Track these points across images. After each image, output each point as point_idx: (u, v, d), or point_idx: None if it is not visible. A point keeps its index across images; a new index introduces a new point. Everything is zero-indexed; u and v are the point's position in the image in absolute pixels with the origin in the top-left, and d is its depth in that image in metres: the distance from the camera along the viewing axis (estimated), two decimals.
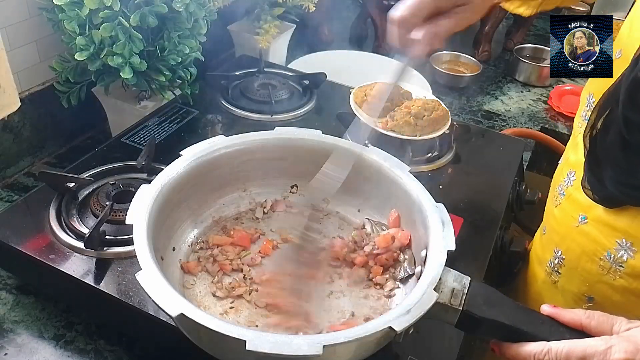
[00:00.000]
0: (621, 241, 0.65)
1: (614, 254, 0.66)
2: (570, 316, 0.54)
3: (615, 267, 0.66)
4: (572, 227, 0.71)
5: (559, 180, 0.76)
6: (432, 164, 0.92)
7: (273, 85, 1.06)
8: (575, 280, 0.72)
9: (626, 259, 0.65)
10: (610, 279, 0.67)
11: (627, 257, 0.65)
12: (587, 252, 0.69)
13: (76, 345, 0.67)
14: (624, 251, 0.65)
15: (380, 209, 0.72)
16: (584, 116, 0.71)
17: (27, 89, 0.94)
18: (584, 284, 0.71)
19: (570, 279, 0.73)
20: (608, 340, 0.50)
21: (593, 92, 0.69)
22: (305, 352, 0.47)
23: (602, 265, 0.68)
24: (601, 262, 0.68)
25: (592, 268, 0.69)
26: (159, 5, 0.84)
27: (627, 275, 0.66)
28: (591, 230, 0.68)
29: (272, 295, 0.63)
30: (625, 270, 0.66)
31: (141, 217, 0.59)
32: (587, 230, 0.69)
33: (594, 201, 0.67)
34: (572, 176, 0.73)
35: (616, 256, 0.66)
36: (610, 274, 0.67)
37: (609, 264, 0.67)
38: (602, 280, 0.68)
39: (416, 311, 0.51)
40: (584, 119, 0.70)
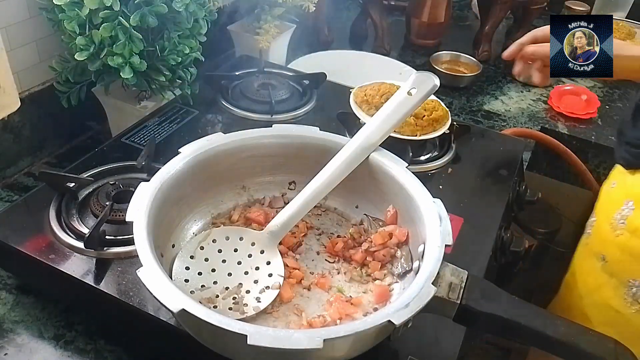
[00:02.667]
0: (627, 200, 0.77)
1: (621, 211, 0.78)
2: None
3: (619, 223, 0.77)
4: (605, 192, 0.85)
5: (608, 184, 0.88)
6: (432, 164, 0.92)
7: (273, 85, 1.06)
8: (596, 239, 0.85)
9: (627, 215, 0.76)
10: (615, 236, 0.78)
11: (628, 213, 0.76)
12: (606, 212, 0.82)
13: (76, 345, 0.67)
14: (627, 209, 0.76)
15: (378, 205, 0.72)
16: None
17: (27, 89, 0.94)
18: (600, 243, 0.83)
19: (593, 239, 0.86)
20: None
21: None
22: (305, 346, 0.48)
23: (612, 222, 0.79)
24: (612, 221, 0.79)
25: (606, 227, 0.81)
26: (159, 5, 0.84)
27: (627, 231, 0.76)
28: (614, 192, 0.81)
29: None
30: (627, 226, 0.76)
31: (141, 214, 0.59)
32: (612, 193, 0.82)
33: (620, 164, 0.81)
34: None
35: (622, 213, 0.77)
36: (617, 230, 0.78)
37: (616, 221, 0.78)
38: (610, 239, 0.80)
39: (414, 305, 0.52)
40: None
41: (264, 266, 0.65)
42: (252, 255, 0.66)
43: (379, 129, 0.71)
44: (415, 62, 1.46)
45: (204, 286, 0.62)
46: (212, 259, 0.65)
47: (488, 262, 0.76)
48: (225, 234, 0.68)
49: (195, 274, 0.63)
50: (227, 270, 0.64)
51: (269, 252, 0.66)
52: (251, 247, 0.66)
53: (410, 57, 1.48)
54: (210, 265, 0.64)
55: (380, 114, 0.72)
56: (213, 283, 0.63)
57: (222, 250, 0.66)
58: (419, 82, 0.72)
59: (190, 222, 0.70)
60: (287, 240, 0.69)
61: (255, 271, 0.65)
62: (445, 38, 1.55)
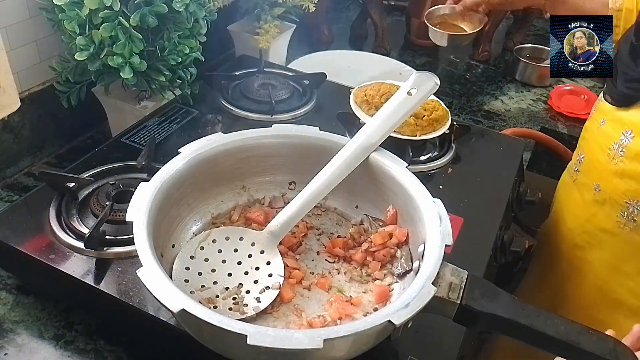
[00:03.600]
0: (625, 131, 0.82)
1: (618, 142, 0.83)
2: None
3: (619, 152, 0.83)
4: (594, 130, 0.90)
5: (594, 118, 0.93)
6: (432, 164, 0.92)
7: (273, 85, 1.06)
8: (589, 172, 0.91)
9: (626, 144, 0.82)
10: (614, 164, 0.84)
11: (627, 142, 0.81)
12: (600, 146, 0.87)
13: (76, 345, 0.67)
14: (625, 138, 0.82)
15: (378, 205, 0.72)
16: None
17: (27, 89, 0.94)
18: (595, 174, 0.89)
19: (586, 173, 0.92)
20: None
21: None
22: (305, 346, 0.48)
23: (609, 153, 0.85)
24: (609, 152, 0.85)
25: (602, 158, 0.86)
26: (159, 5, 0.84)
27: (626, 159, 0.82)
28: (606, 128, 0.86)
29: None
30: (626, 154, 0.82)
31: (141, 214, 0.59)
32: (604, 129, 0.87)
33: (610, 104, 0.86)
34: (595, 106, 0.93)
35: (620, 144, 0.83)
36: (615, 159, 0.84)
37: (614, 151, 0.84)
38: (608, 168, 0.85)
39: (415, 305, 0.52)
40: None
41: (264, 266, 0.65)
42: (252, 255, 0.66)
43: (379, 129, 0.71)
44: (415, 62, 1.46)
45: (204, 286, 0.62)
46: (212, 259, 0.65)
47: (488, 262, 0.76)
48: (225, 234, 0.68)
49: (195, 274, 0.63)
50: (227, 271, 0.64)
51: (269, 252, 0.66)
52: (251, 247, 0.66)
53: (410, 57, 1.48)
54: (210, 265, 0.64)
55: (380, 114, 0.72)
56: (213, 283, 0.63)
57: (222, 251, 0.66)
58: (419, 82, 0.72)
59: (190, 222, 0.70)
60: (287, 240, 0.69)
61: (255, 271, 0.65)
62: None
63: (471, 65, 1.48)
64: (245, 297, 0.62)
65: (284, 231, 0.67)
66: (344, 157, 0.69)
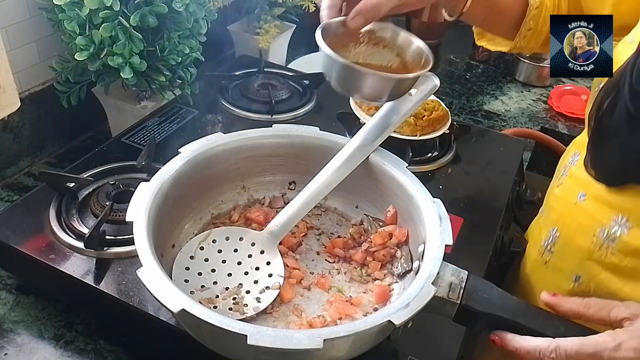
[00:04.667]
0: (617, 217, 0.65)
1: (608, 229, 0.65)
2: (569, 306, 0.56)
3: (607, 243, 0.66)
4: (571, 205, 0.71)
5: (564, 162, 0.77)
6: (432, 164, 0.92)
7: (273, 85, 1.06)
8: (566, 257, 0.72)
9: (619, 235, 0.64)
10: (601, 256, 0.67)
11: (621, 232, 0.64)
12: (582, 229, 0.69)
13: (76, 345, 0.67)
14: (618, 227, 0.64)
15: (378, 205, 0.72)
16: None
17: (27, 89, 0.94)
18: (574, 262, 0.70)
19: (561, 257, 0.73)
20: (616, 336, 0.51)
21: (604, 80, 0.69)
22: (305, 346, 0.48)
23: (595, 241, 0.67)
24: (594, 239, 0.67)
25: (585, 245, 0.68)
26: (159, 5, 0.84)
27: (619, 252, 0.65)
28: (589, 207, 0.68)
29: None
30: (618, 246, 0.65)
31: (141, 214, 0.59)
32: (584, 206, 0.69)
33: (595, 180, 0.67)
34: (576, 156, 0.73)
35: (610, 232, 0.65)
36: (602, 250, 0.66)
37: (601, 240, 0.66)
38: (593, 258, 0.68)
39: (415, 305, 0.52)
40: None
41: (264, 266, 0.65)
42: (252, 255, 0.66)
43: (379, 129, 0.71)
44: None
45: (204, 286, 0.62)
46: (212, 259, 0.65)
47: (488, 262, 0.76)
48: (225, 234, 0.68)
49: (195, 274, 0.63)
50: (227, 271, 0.64)
51: (269, 253, 0.66)
52: (251, 247, 0.66)
53: None
54: (210, 265, 0.64)
55: (380, 114, 0.72)
56: (213, 283, 0.63)
57: (222, 251, 0.66)
58: (419, 82, 0.72)
59: (190, 222, 0.70)
60: (287, 240, 0.69)
61: (255, 271, 0.65)
62: (445, 38, 1.55)
63: (471, 65, 1.48)
64: (245, 297, 0.62)
65: (284, 231, 0.67)
66: (344, 157, 0.69)
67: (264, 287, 0.63)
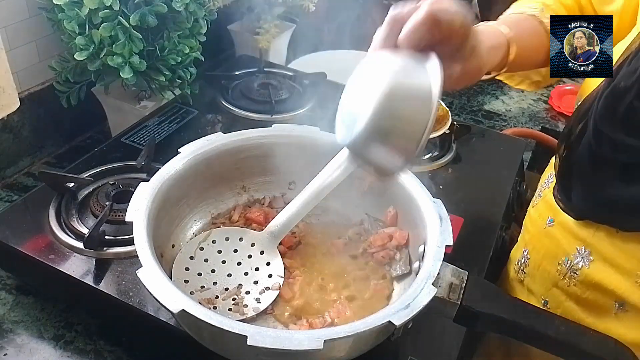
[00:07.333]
0: (580, 248, 0.64)
1: (571, 259, 0.65)
2: None
3: (570, 273, 0.66)
4: (540, 228, 0.71)
5: (542, 181, 0.77)
6: (432, 164, 0.92)
7: (273, 85, 1.06)
8: (536, 281, 0.72)
9: (581, 267, 0.64)
10: (565, 285, 0.67)
11: (583, 265, 0.64)
12: (549, 255, 0.69)
13: (76, 346, 0.67)
14: (580, 258, 0.64)
15: (378, 206, 0.72)
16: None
17: (26, 89, 0.94)
18: (543, 286, 0.71)
19: (532, 280, 0.73)
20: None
21: (582, 97, 0.68)
22: (306, 346, 0.48)
23: (559, 269, 0.67)
24: (559, 267, 0.67)
25: (551, 271, 0.68)
26: (158, 5, 0.84)
27: (581, 284, 0.65)
28: (556, 234, 0.68)
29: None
30: (579, 277, 0.65)
31: (141, 214, 0.59)
32: (552, 232, 0.69)
33: (563, 210, 0.66)
34: (551, 178, 0.72)
35: (572, 262, 0.65)
36: (566, 279, 0.67)
37: (565, 269, 0.66)
38: (558, 285, 0.68)
39: (415, 305, 0.52)
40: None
41: (263, 267, 0.65)
42: (252, 256, 0.66)
43: None
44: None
45: (203, 287, 0.62)
46: (211, 260, 0.65)
47: (488, 262, 0.76)
48: (225, 235, 0.67)
49: (195, 274, 0.63)
50: (226, 271, 0.64)
51: (269, 253, 0.66)
52: (251, 247, 0.66)
53: None
54: (210, 266, 0.64)
55: None
56: (213, 284, 0.63)
57: (222, 251, 0.66)
58: None
59: (190, 222, 0.70)
60: (287, 240, 0.69)
61: (255, 272, 0.64)
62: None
63: None
64: (245, 297, 0.62)
65: (284, 231, 0.67)
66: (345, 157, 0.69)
67: (263, 288, 0.63)
